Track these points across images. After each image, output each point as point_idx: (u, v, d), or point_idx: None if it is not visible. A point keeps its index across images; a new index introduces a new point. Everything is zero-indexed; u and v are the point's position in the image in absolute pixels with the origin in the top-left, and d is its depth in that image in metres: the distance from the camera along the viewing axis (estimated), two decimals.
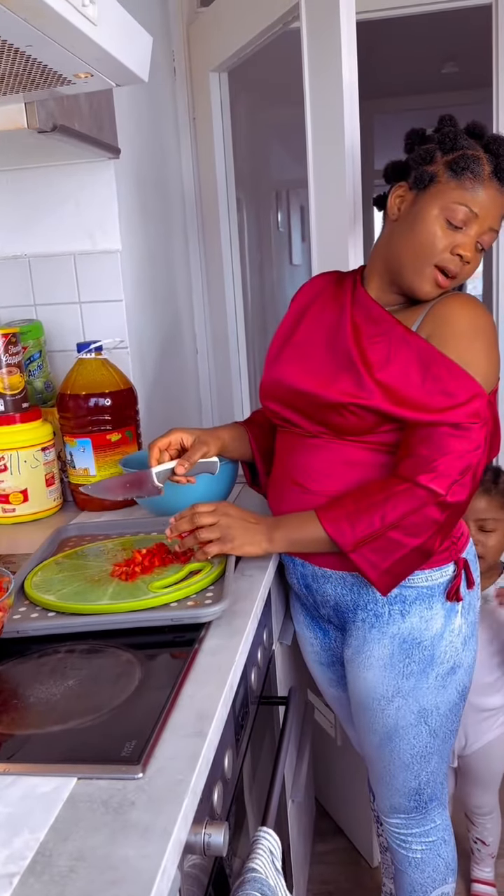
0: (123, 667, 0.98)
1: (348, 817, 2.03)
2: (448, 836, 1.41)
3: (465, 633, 1.26)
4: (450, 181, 1.13)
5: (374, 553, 1.12)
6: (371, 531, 1.11)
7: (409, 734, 1.28)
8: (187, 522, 1.19)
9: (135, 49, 1.02)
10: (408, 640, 1.24)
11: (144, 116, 1.90)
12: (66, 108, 1.26)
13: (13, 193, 1.69)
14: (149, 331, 1.90)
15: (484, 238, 1.16)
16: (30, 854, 0.66)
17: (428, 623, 1.23)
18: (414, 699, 1.25)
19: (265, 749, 1.28)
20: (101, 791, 0.74)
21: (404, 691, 1.25)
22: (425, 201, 1.15)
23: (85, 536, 1.43)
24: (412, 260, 1.17)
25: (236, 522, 1.18)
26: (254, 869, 0.88)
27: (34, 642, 1.05)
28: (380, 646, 1.25)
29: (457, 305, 1.16)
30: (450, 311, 1.16)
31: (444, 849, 1.40)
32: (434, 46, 3.66)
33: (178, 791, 0.73)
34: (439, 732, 1.29)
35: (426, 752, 1.30)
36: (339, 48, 1.51)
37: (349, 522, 1.12)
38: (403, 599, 1.23)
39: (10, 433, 1.56)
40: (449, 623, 1.25)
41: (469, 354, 1.13)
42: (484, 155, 1.14)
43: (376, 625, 1.25)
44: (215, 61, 2.01)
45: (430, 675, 1.25)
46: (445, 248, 1.15)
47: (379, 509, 1.11)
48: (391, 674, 1.25)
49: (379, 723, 1.29)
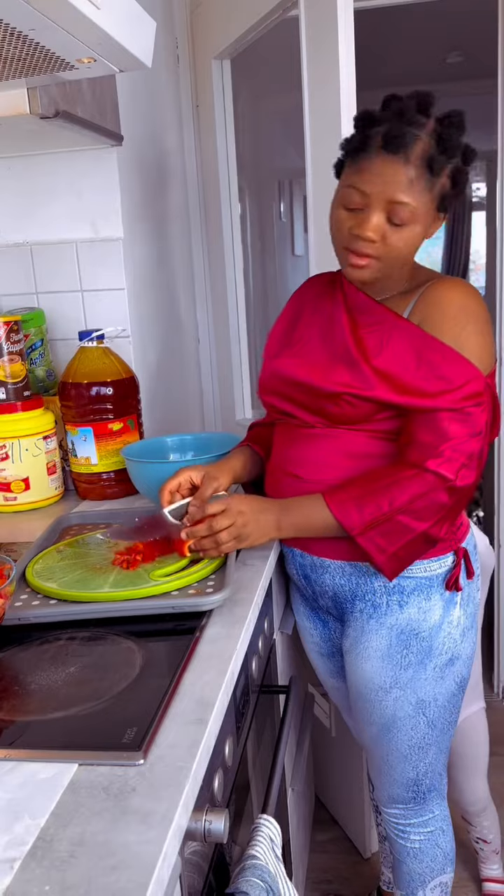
0: (124, 654, 0.98)
1: (343, 808, 2.03)
2: (446, 826, 1.41)
3: (463, 624, 1.26)
4: (349, 165, 1.14)
5: (382, 537, 1.12)
6: (379, 514, 1.11)
7: (407, 725, 1.28)
8: (205, 529, 1.16)
9: (138, 34, 1.01)
10: (406, 630, 1.24)
11: (147, 104, 1.89)
12: (68, 94, 1.25)
13: (15, 180, 1.68)
14: (150, 319, 1.90)
15: (393, 212, 1.10)
16: (30, 839, 0.66)
17: (426, 614, 1.23)
18: (412, 690, 1.25)
19: (266, 738, 1.28)
20: (102, 777, 0.74)
21: (402, 682, 1.25)
22: (336, 189, 1.17)
23: (86, 525, 1.43)
24: (335, 247, 1.19)
25: (251, 519, 1.17)
26: (254, 856, 0.89)
27: (35, 630, 1.05)
28: (377, 637, 1.25)
29: (445, 289, 1.16)
30: (440, 294, 1.15)
31: (442, 839, 1.40)
32: (438, 35, 3.64)
33: (178, 778, 0.73)
34: (437, 723, 1.29)
35: (424, 744, 1.30)
36: (337, 36, 1.50)
37: (357, 506, 1.12)
38: (401, 590, 1.23)
39: (12, 421, 1.55)
40: (447, 614, 1.24)
41: (462, 337, 1.13)
42: (379, 129, 1.10)
43: (374, 615, 1.25)
44: (218, 48, 2.00)
45: (427, 666, 1.25)
46: (347, 231, 1.14)
47: (387, 493, 1.11)
48: (389, 665, 1.25)
49: (377, 714, 1.29)
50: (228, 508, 1.17)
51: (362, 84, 1.57)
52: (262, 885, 0.85)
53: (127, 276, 1.72)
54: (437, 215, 1.15)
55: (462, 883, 1.87)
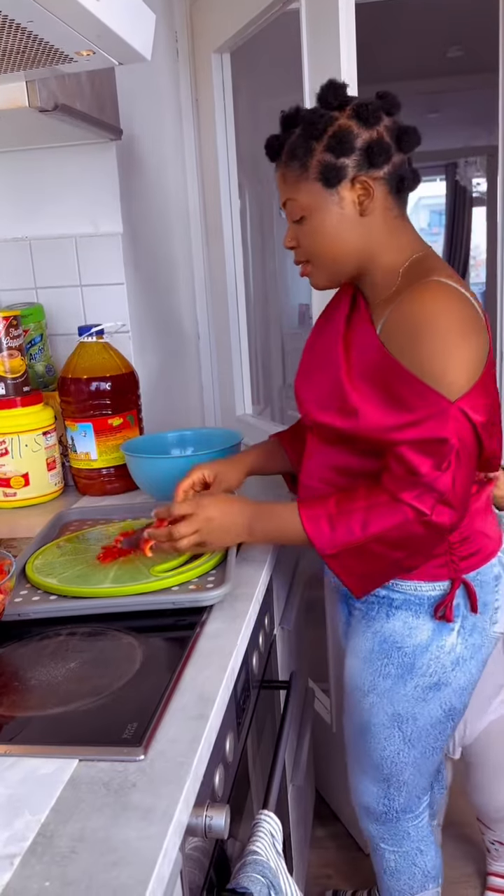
0: (125, 650, 0.98)
1: (344, 803, 2.03)
2: (425, 846, 1.37)
3: (459, 653, 1.21)
4: None
5: (353, 559, 1.08)
6: (351, 539, 1.06)
7: (381, 734, 1.26)
8: (165, 534, 1.13)
9: (138, 26, 1.01)
10: (388, 640, 1.22)
11: (147, 98, 1.88)
12: (67, 87, 1.25)
13: (14, 175, 1.68)
14: (150, 314, 1.89)
15: (289, 213, 1.14)
16: (31, 835, 0.66)
17: (412, 631, 1.20)
18: (388, 701, 1.24)
19: (266, 733, 1.28)
20: (103, 773, 0.74)
21: (380, 690, 1.24)
22: None
23: (86, 520, 1.43)
24: None
25: (215, 526, 1.13)
26: (255, 851, 0.89)
27: (35, 625, 1.05)
28: (363, 638, 1.25)
29: (409, 302, 1.05)
30: (402, 311, 1.06)
31: (420, 858, 1.37)
32: (439, 30, 3.63)
33: (179, 773, 0.73)
34: (416, 744, 1.26)
35: (399, 760, 1.27)
36: (338, 29, 1.49)
37: (329, 524, 1.08)
38: (390, 602, 1.21)
39: (12, 417, 1.55)
40: (438, 638, 1.20)
41: (425, 361, 1.03)
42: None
43: (365, 617, 1.25)
44: (217, 42, 1.99)
45: (408, 683, 1.22)
46: None
47: (361, 517, 1.06)
48: (369, 669, 1.24)
49: (356, 714, 1.29)
50: (196, 513, 1.13)
51: (363, 78, 1.56)
52: (263, 881, 0.85)
53: (126, 271, 1.71)
54: (335, 191, 1.08)
55: (464, 878, 1.87)
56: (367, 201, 1.09)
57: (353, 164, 1.07)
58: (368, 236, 1.12)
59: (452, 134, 5.98)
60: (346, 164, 1.07)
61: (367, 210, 1.10)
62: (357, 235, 1.11)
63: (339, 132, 1.07)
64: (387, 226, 1.12)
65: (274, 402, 3.32)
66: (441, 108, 5.12)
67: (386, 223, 1.12)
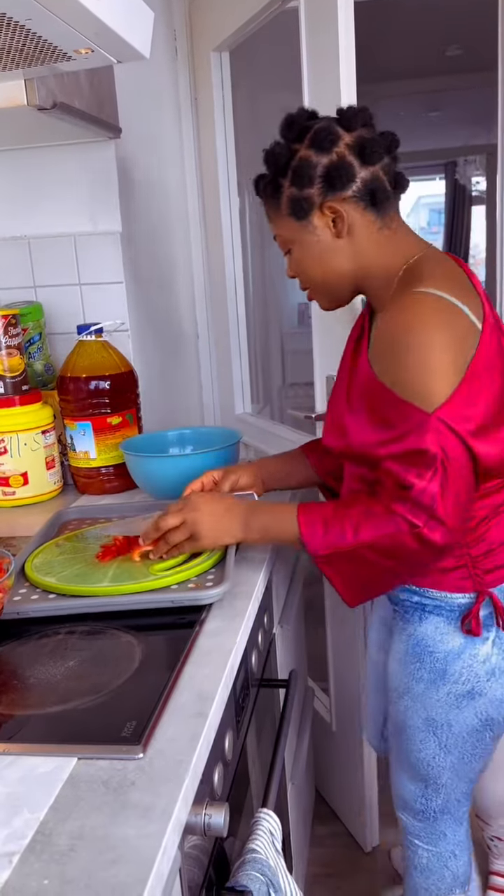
0: (124, 648, 0.97)
1: (343, 802, 2.04)
2: (460, 851, 1.35)
3: (495, 664, 1.18)
4: None
5: (346, 564, 1.08)
6: (342, 543, 1.06)
7: (415, 737, 1.25)
8: (154, 530, 1.14)
9: (136, 24, 1.01)
10: (420, 644, 1.21)
11: (145, 96, 1.88)
12: (66, 85, 1.25)
13: (13, 173, 1.68)
14: (149, 313, 1.89)
15: (279, 244, 1.21)
16: (30, 833, 0.66)
17: (443, 637, 1.19)
18: (422, 705, 1.22)
19: (266, 732, 1.28)
20: (102, 771, 0.74)
21: (413, 693, 1.23)
22: None
23: (85, 519, 1.43)
24: None
25: (204, 518, 1.13)
26: (254, 850, 0.89)
27: (34, 624, 1.05)
28: (399, 640, 1.25)
29: (389, 319, 1.07)
30: (383, 330, 1.09)
31: (452, 862, 1.35)
32: (438, 28, 3.63)
33: (178, 771, 0.73)
34: (452, 750, 1.24)
35: (435, 764, 1.25)
36: (337, 27, 1.49)
37: (324, 527, 1.08)
38: (423, 607, 1.21)
39: (10, 416, 1.55)
40: (471, 646, 1.18)
41: (401, 376, 1.03)
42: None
43: (402, 620, 1.25)
44: (216, 40, 1.99)
45: (440, 689, 1.20)
46: None
47: (354, 522, 1.05)
48: (404, 671, 1.23)
49: (393, 712, 1.28)
50: (185, 506, 1.15)
51: (362, 77, 1.56)
52: (262, 879, 0.85)
53: (125, 270, 1.71)
54: (308, 221, 1.12)
55: None
56: (340, 224, 1.11)
57: (317, 193, 1.10)
58: (355, 255, 1.13)
59: (452, 133, 5.98)
60: (310, 193, 1.10)
61: (344, 232, 1.12)
62: (342, 257, 1.14)
63: (299, 164, 1.09)
64: (372, 240, 1.13)
65: (273, 401, 3.31)
66: (440, 107, 5.12)
67: (370, 237, 1.13)
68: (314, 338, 1.75)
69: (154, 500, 1.48)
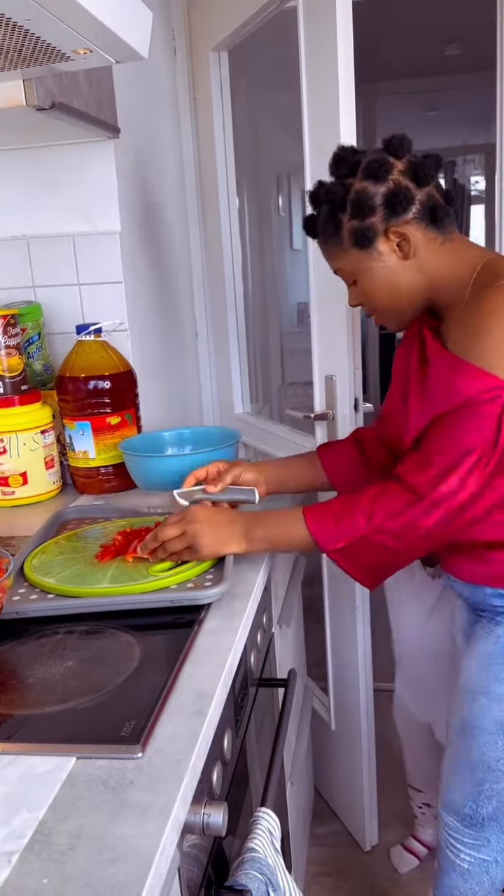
0: (123, 647, 0.98)
1: (342, 801, 2.04)
2: (502, 858, 1.33)
3: None
4: None
5: (360, 553, 1.10)
6: (355, 532, 1.08)
7: (482, 738, 1.24)
8: (153, 540, 1.15)
9: (135, 25, 1.01)
10: None
11: (144, 96, 1.88)
12: (65, 85, 1.25)
13: (12, 173, 1.68)
14: (148, 313, 1.89)
15: (342, 278, 1.24)
16: (29, 833, 0.66)
17: None
18: (499, 707, 1.22)
19: (265, 731, 1.28)
20: (101, 770, 0.74)
21: (492, 694, 1.22)
22: None
23: (84, 519, 1.43)
24: None
25: (204, 528, 1.13)
26: (253, 849, 0.89)
27: (33, 623, 1.05)
28: (485, 642, 1.25)
29: (471, 309, 1.10)
30: (463, 320, 1.11)
31: (493, 869, 1.34)
32: (437, 27, 3.62)
33: (177, 771, 0.73)
34: None
35: (497, 768, 1.24)
36: (335, 27, 1.49)
37: (335, 521, 1.10)
38: None
39: (10, 416, 1.55)
40: None
41: (485, 358, 1.05)
42: None
43: (491, 622, 1.25)
44: (215, 40, 1.99)
45: None
46: None
47: (364, 509, 1.08)
48: (486, 673, 1.23)
49: (462, 712, 1.27)
50: (184, 517, 1.15)
51: (360, 76, 1.56)
52: (261, 878, 0.85)
53: (124, 270, 1.71)
54: (373, 249, 1.15)
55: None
56: (406, 246, 1.15)
57: (379, 220, 1.14)
58: (421, 273, 1.17)
59: (450, 132, 5.98)
60: (373, 222, 1.14)
61: (410, 253, 1.16)
62: (409, 278, 1.17)
63: (357, 197, 1.13)
64: (436, 255, 1.16)
65: (272, 401, 3.31)
66: (439, 106, 5.12)
67: (434, 253, 1.16)
68: (313, 337, 1.75)
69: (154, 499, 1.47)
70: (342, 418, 1.71)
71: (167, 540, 1.14)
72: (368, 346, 5.03)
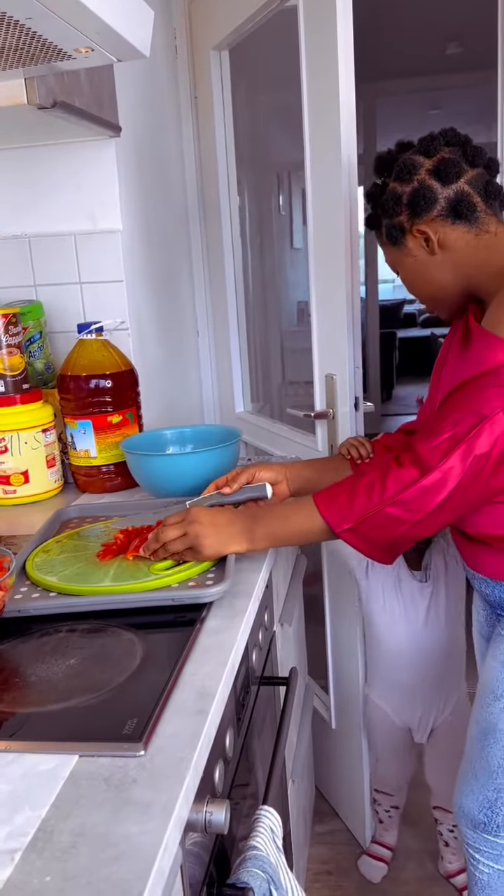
0: (125, 646, 0.98)
1: (343, 800, 2.04)
2: None
3: None
4: None
5: (371, 530, 1.10)
6: (369, 507, 1.08)
7: (502, 741, 1.23)
8: (154, 541, 1.15)
9: (136, 23, 1.01)
10: None
11: (145, 95, 1.88)
12: (66, 84, 1.25)
13: (13, 172, 1.68)
14: (149, 312, 1.89)
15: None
16: (31, 831, 0.66)
17: None
18: None
19: (266, 729, 1.28)
20: (103, 769, 0.74)
21: None
22: None
23: (86, 518, 1.43)
24: None
25: (205, 529, 1.13)
26: (255, 847, 0.89)
27: (36, 622, 1.05)
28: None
29: None
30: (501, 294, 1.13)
31: None
32: (438, 26, 3.62)
33: (179, 769, 0.73)
34: None
35: None
36: (335, 26, 1.49)
37: (347, 499, 1.10)
38: None
39: (11, 414, 1.55)
40: None
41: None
42: None
43: None
44: (216, 39, 1.99)
45: None
46: None
47: (376, 485, 1.09)
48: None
49: (482, 716, 1.26)
50: (184, 518, 1.15)
51: (361, 75, 1.56)
52: (263, 876, 0.85)
53: (126, 268, 1.71)
54: (404, 245, 1.21)
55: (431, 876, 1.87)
56: (431, 242, 1.19)
57: (405, 219, 1.19)
58: (455, 266, 1.20)
59: None
60: (400, 220, 1.20)
61: (436, 249, 1.19)
62: (443, 271, 1.21)
63: (386, 197, 1.20)
64: (468, 247, 1.18)
65: (273, 400, 3.31)
66: (440, 105, 5.11)
67: (468, 245, 1.18)
68: (314, 336, 1.75)
69: (154, 498, 1.48)
70: (342, 417, 1.71)
71: (169, 541, 1.14)
72: (369, 346, 5.03)
